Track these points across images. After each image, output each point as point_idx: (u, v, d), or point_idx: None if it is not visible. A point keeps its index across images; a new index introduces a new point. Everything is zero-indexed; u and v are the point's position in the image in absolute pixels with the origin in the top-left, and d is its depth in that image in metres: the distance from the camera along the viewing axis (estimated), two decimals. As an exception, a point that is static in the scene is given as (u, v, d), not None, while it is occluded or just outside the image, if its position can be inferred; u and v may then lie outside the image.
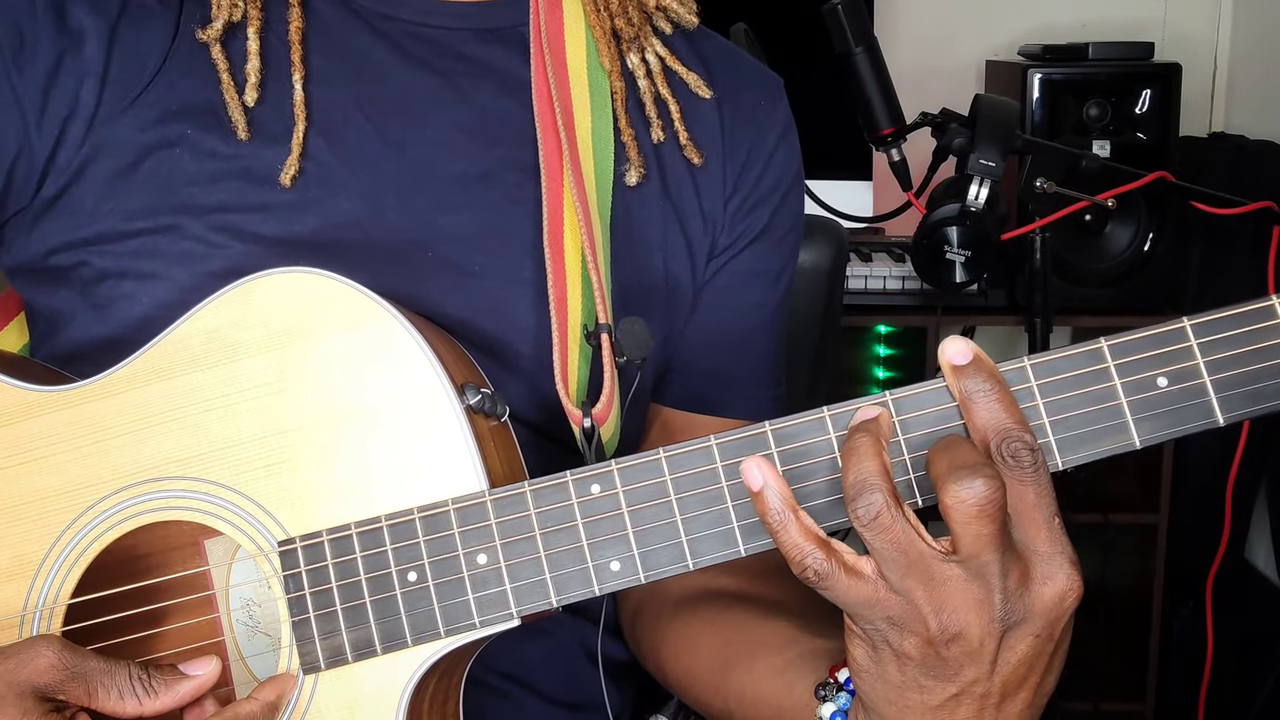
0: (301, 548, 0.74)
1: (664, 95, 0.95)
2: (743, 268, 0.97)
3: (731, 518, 0.70)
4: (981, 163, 1.48)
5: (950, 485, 0.62)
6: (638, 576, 0.71)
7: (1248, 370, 0.65)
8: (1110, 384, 0.67)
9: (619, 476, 0.71)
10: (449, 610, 0.72)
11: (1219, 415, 0.66)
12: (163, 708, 0.71)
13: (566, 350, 0.83)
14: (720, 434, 0.70)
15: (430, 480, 0.73)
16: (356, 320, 0.74)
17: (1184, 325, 0.66)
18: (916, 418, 0.68)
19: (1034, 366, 0.67)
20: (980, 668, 0.64)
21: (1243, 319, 0.66)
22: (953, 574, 0.63)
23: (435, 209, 0.87)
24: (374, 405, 0.74)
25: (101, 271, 0.84)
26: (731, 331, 0.98)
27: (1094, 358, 0.67)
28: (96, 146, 0.83)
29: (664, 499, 0.70)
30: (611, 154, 0.91)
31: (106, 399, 0.77)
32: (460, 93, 0.89)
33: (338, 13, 0.89)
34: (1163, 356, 0.66)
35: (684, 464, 0.70)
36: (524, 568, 0.72)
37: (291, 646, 0.74)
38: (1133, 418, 0.67)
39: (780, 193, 0.98)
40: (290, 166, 0.84)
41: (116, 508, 0.76)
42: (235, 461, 0.75)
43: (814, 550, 0.64)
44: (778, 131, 0.99)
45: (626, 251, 0.90)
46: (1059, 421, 0.67)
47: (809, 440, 0.69)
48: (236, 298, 0.76)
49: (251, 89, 0.85)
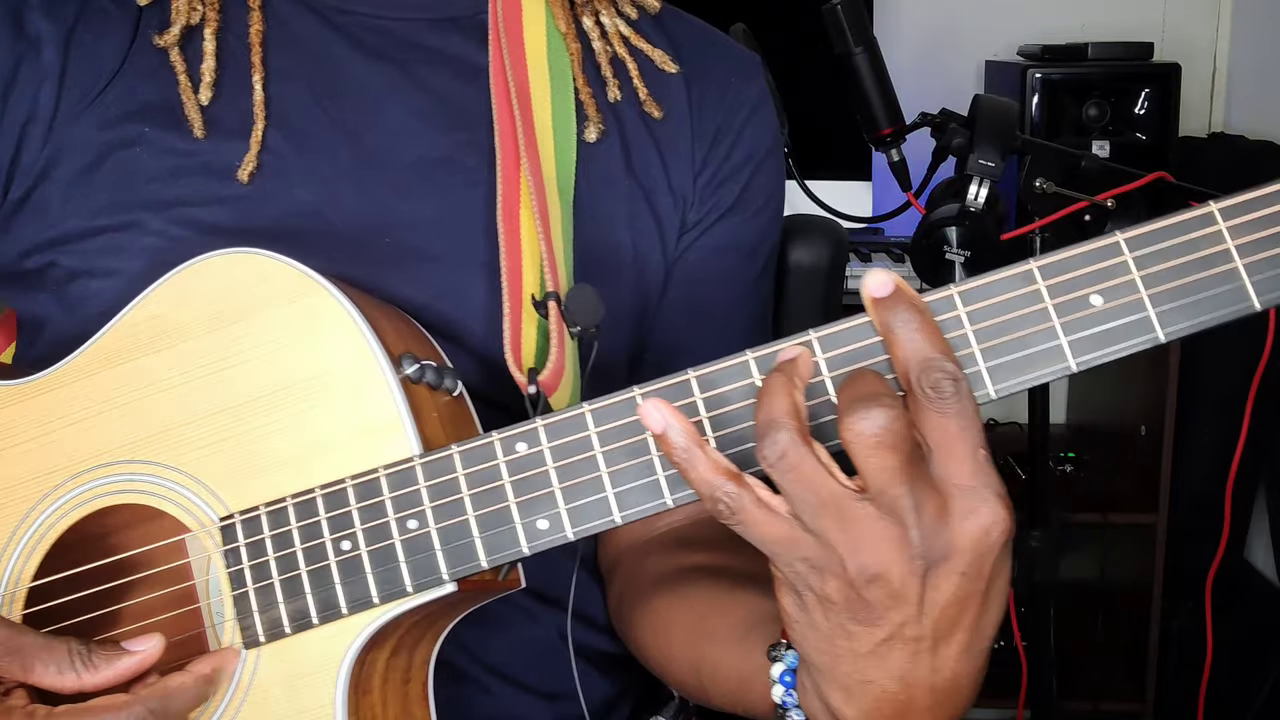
0: (240, 522, 0.75)
1: (621, 55, 0.96)
2: (714, 242, 0.97)
3: (656, 468, 0.68)
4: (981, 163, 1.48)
5: (847, 418, 0.60)
6: (565, 534, 0.70)
7: (1186, 282, 0.62)
8: (1042, 306, 0.63)
9: (544, 433, 0.70)
10: (382, 577, 0.72)
11: (1159, 331, 0.63)
12: (103, 683, 0.72)
13: (520, 321, 0.83)
14: (643, 384, 0.68)
15: (367, 450, 0.74)
16: (292, 295, 0.76)
17: (1118, 239, 0.63)
18: (843, 354, 0.66)
19: (962, 294, 0.64)
20: (906, 610, 0.62)
21: (1179, 228, 0.63)
22: (865, 512, 0.60)
23: (392, 195, 0.88)
24: (311, 378, 0.75)
25: (70, 271, 0.86)
26: (703, 306, 0.97)
27: (1024, 279, 0.64)
28: (58, 148, 0.85)
29: (589, 453, 0.69)
30: (573, 135, 0.91)
31: (59, 389, 0.79)
32: (417, 81, 0.90)
33: (294, 9, 0.91)
34: (1096, 274, 0.63)
35: (608, 416, 0.69)
36: (453, 530, 0.72)
37: (234, 621, 0.75)
38: (1067, 339, 0.63)
39: (751, 167, 0.98)
40: (248, 164, 0.85)
41: (70, 495, 0.78)
42: (180, 442, 0.77)
43: (724, 483, 0.63)
44: (748, 108, 0.99)
45: (592, 230, 0.91)
46: (990, 349, 0.64)
47: (733, 385, 0.67)
48: (180, 281, 0.78)
49: (206, 88, 0.87)
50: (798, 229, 1.25)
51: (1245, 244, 0.62)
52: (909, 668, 0.63)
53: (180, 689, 0.72)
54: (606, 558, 0.99)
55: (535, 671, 0.93)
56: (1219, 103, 2.55)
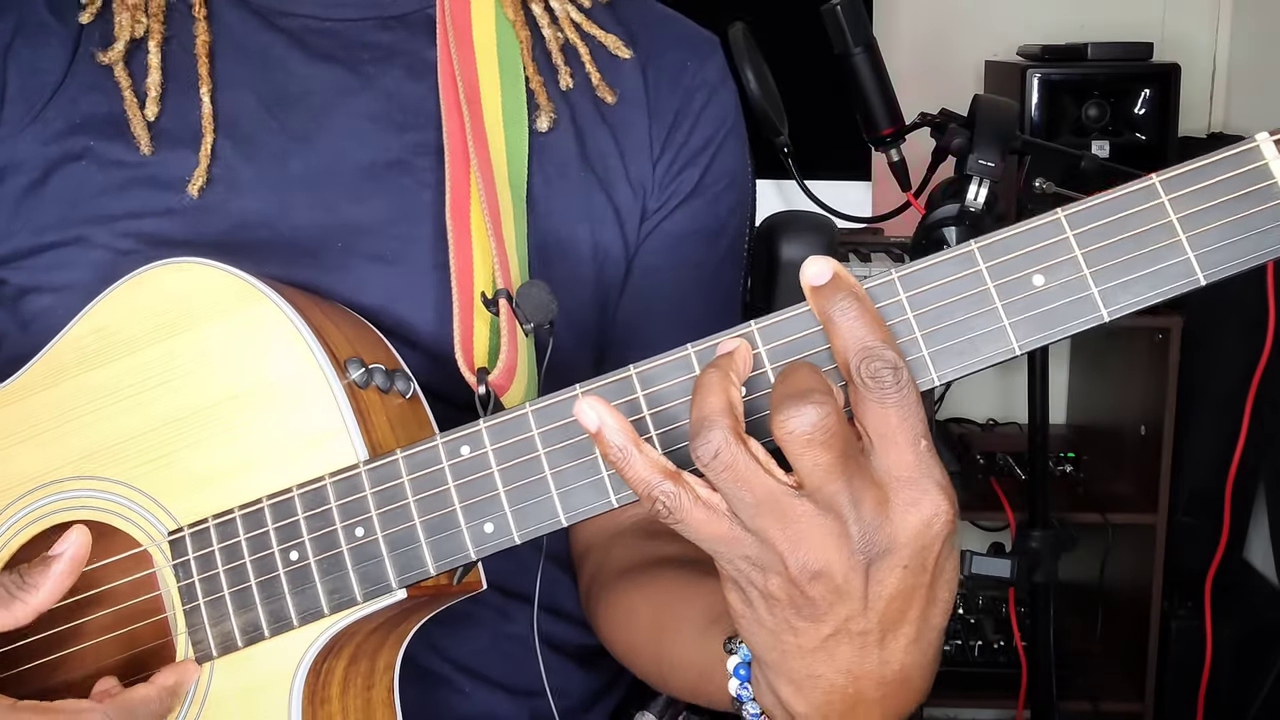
0: (189, 535, 0.74)
1: (573, 41, 0.94)
2: (675, 228, 0.95)
3: (600, 467, 0.67)
4: (980, 163, 1.48)
5: (778, 415, 0.58)
6: (511, 537, 0.69)
7: (1129, 258, 0.61)
8: (984, 288, 0.62)
9: (487, 435, 0.69)
10: (331, 586, 0.72)
11: (1103, 310, 0.61)
12: (49, 595, 0.72)
13: (471, 320, 0.82)
14: (585, 382, 0.67)
15: (314, 458, 0.73)
16: (233, 304, 0.75)
17: (1059, 216, 0.61)
18: (784, 345, 0.64)
19: (902, 279, 0.63)
20: (850, 605, 0.61)
21: (1121, 203, 0.61)
22: (803, 509, 0.59)
23: (344, 200, 0.87)
24: (254, 387, 0.74)
25: (19, 288, 0.85)
26: (665, 293, 0.96)
27: (965, 262, 0.62)
28: (2, 166, 0.85)
29: (533, 454, 0.68)
30: (525, 128, 0.90)
31: (6, 407, 0.78)
32: (366, 81, 0.89)
33: (237, 14, 0.89)
34: (1038, 253, 0.62)
35: (551, 416, 0.68)
36: (401, 536, 0.71)
37: (186, 635, 0.74)
38: (1009, 321, 0.62)
39: (711, 151, 0.96)
40: (198, 179, 0.85)
41: (21, 513, 0.77)
42: (127, 456, 0.76)
43: (661, 481, 0.61)
44: (707, 89, 0.97)
45: (547, 223, 0.90)
46: (931, 334, 0.63)
47: (673, 380, 0.66)
48: (123, 294, 0.77)
49: (152, 103, 0.86)
50: (789, 225, 1.24)
51: (1188, 216, 0.61)
52: (856, 661, 0.63)
53: (144, 700, 0.72)
54: (577, 548, 0.99)
55: (508, 669, 0.92)
56: (1218, 103, 2.55)
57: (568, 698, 0.94)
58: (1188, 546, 2.25)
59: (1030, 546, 1.71)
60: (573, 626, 0.98)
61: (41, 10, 0.87)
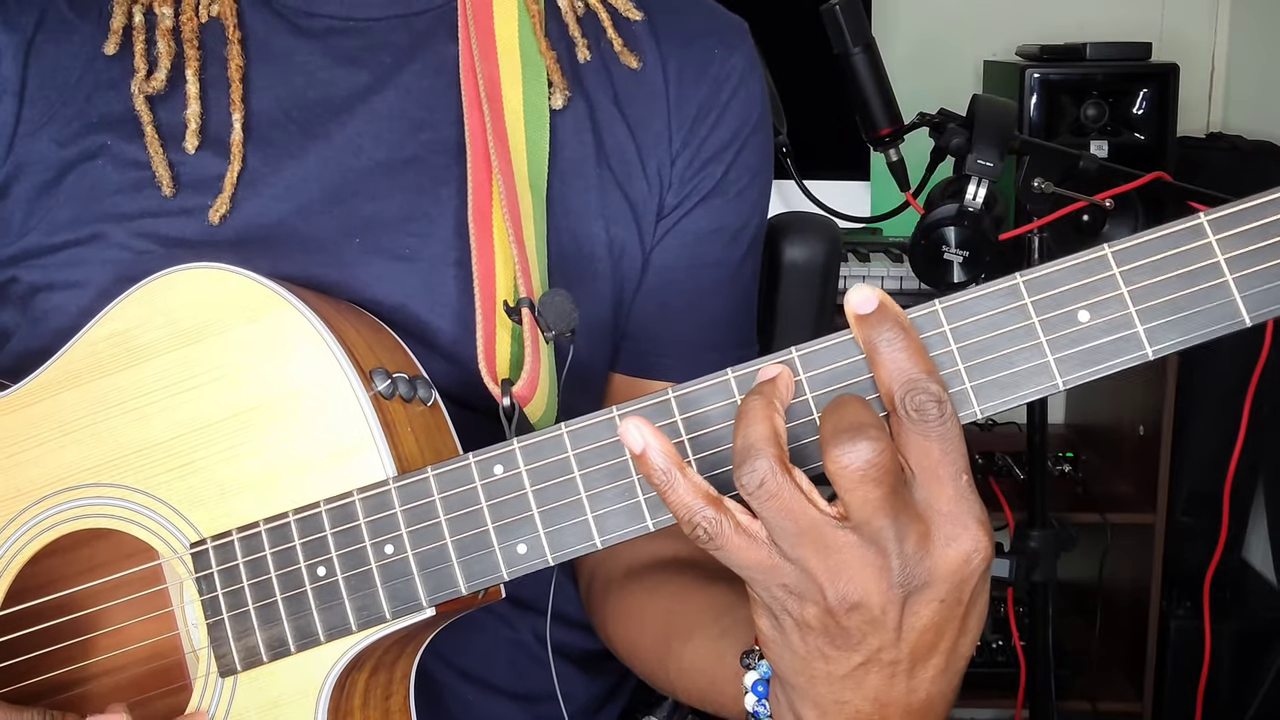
0: (213, 548, 0.73)
1: (594, 6, 0.92)
2: (695, 227, 0.93)
3: (637, 491, 0.67)
4: (979, 163, 1.48)
5: (832, 450, 0.58)
6: (545, 558, 0.69)
7: (1176, 297, 0.61)
8: (1028, 322, 0.62)
9: (521, 455, 0.69)
10: (359, 604, 0.71)
11: (1147, 348, 0.61)
12: None
13: (494, 328, 0.81)
14: (622, 405, 0.67)
15: (340, 471, 0.72)
16: (256, 311, 0.73)
17: (1105, 253, 0.61)
18: (825, 373, 0.64)
19: (946, 310, 0.62)
20: (884, 636, 0.61)
21: (1168, 241, 0.61)
22: (846, 541, 0.59)
23: (361, 197, 0.86)
24: (279, 397, 0.73)
25: (31, 286, 0.84)
26: (683, 292, 0.94)
27: (1010, 295, 0.62)
28: (18, 164, 0.83)
29: (568, 476, 0.68)
30: (545, 126, 0.88)
31: (21, 410, 0.77)
32: (385, 80, 0.88)
33: (261, 16, 0.88)
34: (1084, 289, 0.62)
35: (587, 438, 0.67)
36: (431, 555, 0.70)
37: (208, 649, 0.73)
38: (1053, 357, 0.62)
39: (735, 147, 0.93)
40: (221, 205, 0.83)
41: (36, 519, 0.76)
42: (147, 465, 0.74)
43: (704, 508, 0.61)
44: (734, 80, 0.93)
45: (564, 221, 0.89)
46: (975, 367, 0.62)
47: (713, 405, 0.65)
48: (141, 298, 0.75)
49: (192, 135, 0.84)
50: (793, 227, 1.24)
51: (1235, 257, 0.60)
52: (884, 690, 0.63)
53: None
54: None
55: (513, 676, 0.92)
56: (1217, 102, 2.55)
57: (573, 702, 0.94)
58: (1186, 546, 2.25)
59: (1029, 546, 1.71)
60: (576, 631, 0.97)
61: (63, 7, 0.86)
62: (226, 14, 0.86)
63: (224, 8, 0.86)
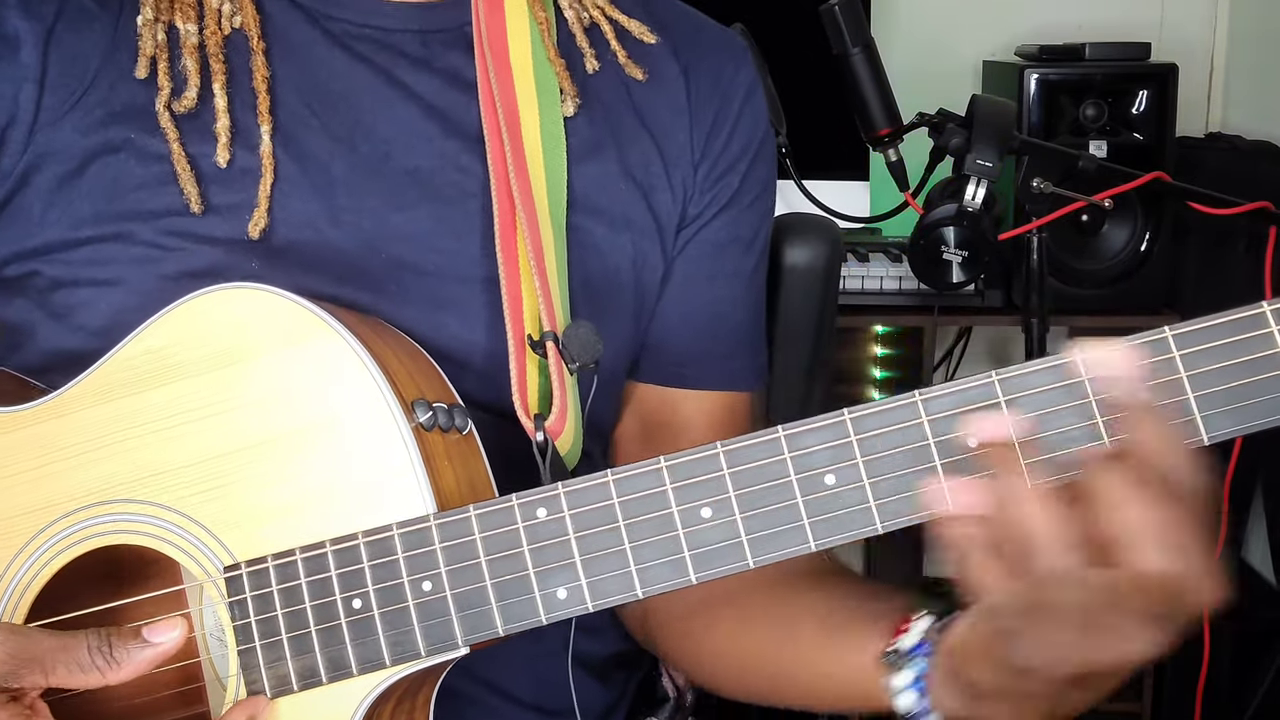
0: (247, 573, 0.72)
1: (596, 19, 0.94)
2: (714, 236, 0.96)
3: (682, 545, 0.67)
4: (978, 163, 1.48)
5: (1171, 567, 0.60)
6: (585, 605, 0.68)
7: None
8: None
9: (565, 500, 0.68)
10: (394, 639, 0.70)
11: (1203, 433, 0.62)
12: (127, 677, 0.70)
13: (525, 363, 0.81)
14: (670, 455, 0.67)
15: (379, 502, 0.71)
16: (299, 336, 0.72)
17: (1166, 335, 0.63)
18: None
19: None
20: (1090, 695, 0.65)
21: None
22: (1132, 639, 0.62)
23: (388, 206, 0.86)
24: (318, 424, 0.72)
25: (54, 280, 0.83)
26: (706, 302, 0.96)
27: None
28: (39, 154, 0.83)
29: (612, 524, 0.68)
30: (563, 150, 0.89)
31: (55, 420, 0.76)
32: (406, 90, 0.88)
33: (281, 7, 0.88)
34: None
35: (633, 486, 0.67)
36: (470, 596, 0.69)
37: (239, 676, 0.72)
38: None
39: (748, 158, 0.97)
40: (259, 220, 0.82)
41: (67, 531, 0.75)
42: (181, 484, 0.74)
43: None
44: (743, 94, 0.97)
45: (590, 239, 0.90)
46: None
47: (763, 460, 0.66)
48: (180, 315, 0.75)
49: (223, 149, 0.83)
50: (794, 229, 1.24)
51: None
52: (1083, 698, 0.65)
53: None
54: None
55: (534, 687, 0.92)
56: (1216, 103, 2.54)
57: (589, 713, 0.94)
58: (1185, 546, 2.25)
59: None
60: (595, 638, 0.97)
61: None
62: (250, 25, 0.86)
63: (246, 18, 0.86)
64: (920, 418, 0.64)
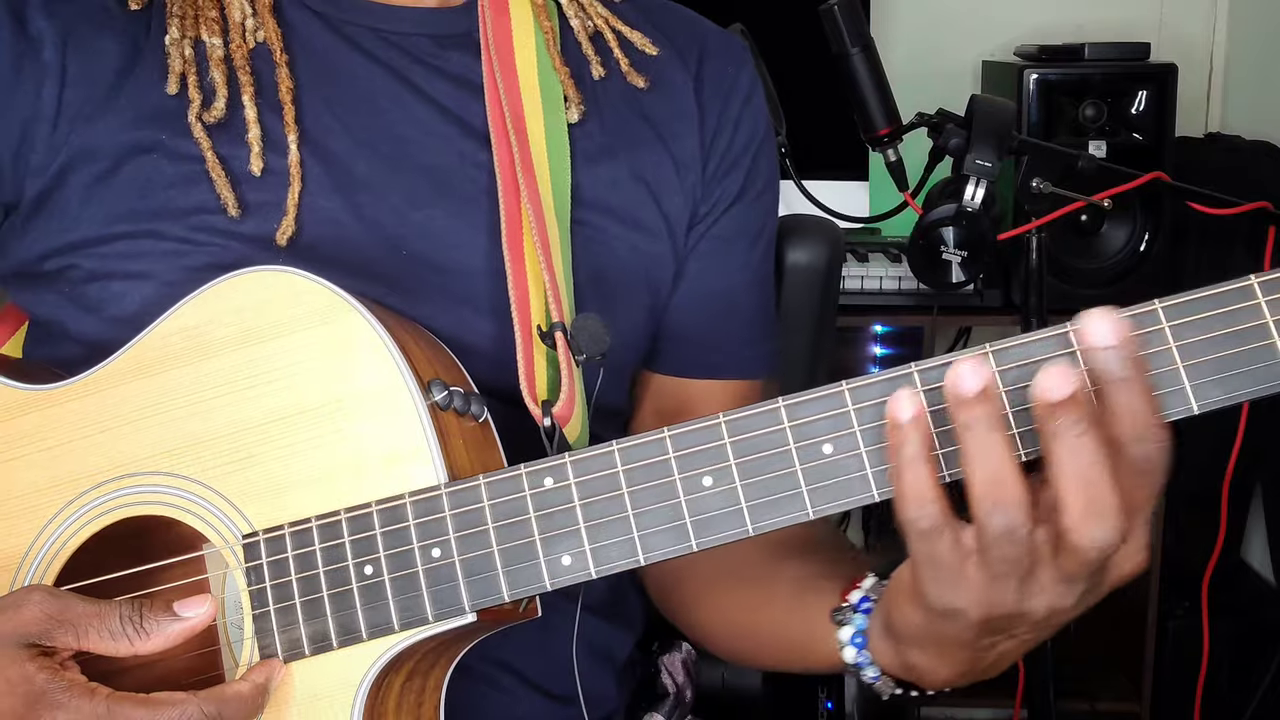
0: (264, 540, 0.75)
1: (600, 28, 0.97)
2: (723, 231, 0.99)
3: (684, 512, 0.69)
4: (978, 163, 1.48)
5: (1084, 530, 0.61)
6: (588, 571, 0.70)
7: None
8: None
9: (571, 469, 0.71)
10: (403, 604, 0.72)
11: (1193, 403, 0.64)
12: (155, 648, 0.72)
13: (532, 352, 0.84)
14: (674, 425, 0.69)
15: (393, 475, 0.74)
16: (324, 315, 0.76)
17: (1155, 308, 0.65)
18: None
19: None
20: (1041, 633, 0.68)
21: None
22: (1051, 577, 0.64)
23: (407, 204, 0.88)
24: (339, 399, 0.75)
25: (89, 273, 0.86)
26: (719, 295, 0.99)
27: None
28: (75, 152, 0.85)
29: (616, 492, 0.70)
30: (567, 155, 0.92)
31: (89, 396, 0.79)
32: (420, 92, 0.91)
33: (301, 15, 0.91)
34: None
35: (637, 456, 0.70)
36: (477, 562, 0.72)
37: (253, 639, 0.75)
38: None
39: (751, 153, 1.00)
40: (287, 228, 0.85)
41: (95, 502, 0.78)
42: (206, 456, 0.77)
43: (935, 500, 0.63)
44: (743, 94, 1.00)
45: (600, 235, 0.92)
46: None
47: (763, 430, 0.68)
48: (213, 296, 0.78)
49: (256, 158, 0.86)
50: (795, 229, 1.25)
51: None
52: (1006, 651, 0.70)
53: (236, 696, 0.72)
54: None
55: (549, 672, 0.93)
56: (1215, 103, 2.55)
57: (602, 707, 0.96)
58: (1185, 546, 2.25)
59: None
60: (623, 637, 0.99)
61: None
62: (273, 39, 0.88)
63: (269, 32, 0.88)
64: (916, 388, 0.65)
